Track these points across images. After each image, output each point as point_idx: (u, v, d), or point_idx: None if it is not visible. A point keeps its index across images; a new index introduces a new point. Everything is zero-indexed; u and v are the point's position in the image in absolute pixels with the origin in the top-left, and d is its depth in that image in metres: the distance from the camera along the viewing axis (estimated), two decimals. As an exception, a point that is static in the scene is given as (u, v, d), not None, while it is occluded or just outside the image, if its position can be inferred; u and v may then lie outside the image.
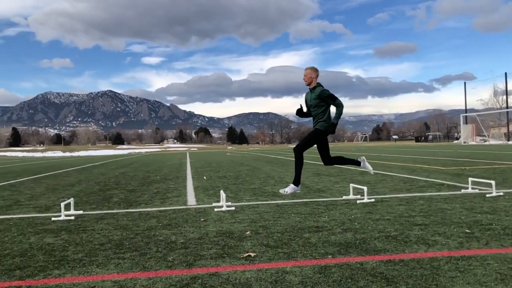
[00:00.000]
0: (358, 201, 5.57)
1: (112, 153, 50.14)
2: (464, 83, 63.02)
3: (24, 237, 4.08)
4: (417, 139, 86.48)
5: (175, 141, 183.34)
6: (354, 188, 6.21)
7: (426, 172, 9.74)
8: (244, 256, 3.16)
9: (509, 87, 55.58)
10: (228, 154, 30.81)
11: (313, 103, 5.42)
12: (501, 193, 5.86)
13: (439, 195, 5.99)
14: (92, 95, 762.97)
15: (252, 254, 3.19)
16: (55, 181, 10.48)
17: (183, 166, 15.95)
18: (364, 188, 5.75)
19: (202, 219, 4.71)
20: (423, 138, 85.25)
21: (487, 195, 5.74)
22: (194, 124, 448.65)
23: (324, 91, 5.34)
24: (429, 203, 5.30)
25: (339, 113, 5.33)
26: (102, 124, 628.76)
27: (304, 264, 2.92)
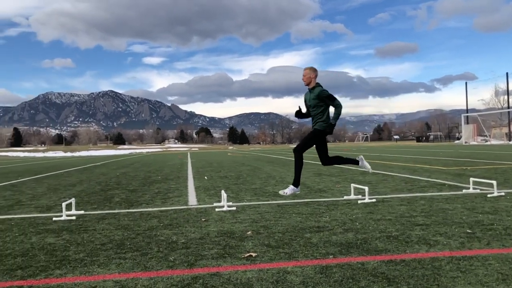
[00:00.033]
0: (359, 201, 5.56)
1: (113, 153, 50.11)
2: (466, 83, 62.90)
3: (26, 237, 4.09)
4: (418, 139, 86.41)
5: (176, 141, 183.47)
6: (355, 188, 6.21)
7: (427, 172, 9.73)
8: (245, 256, 3.16)
9: (511, 87, 55.49)
10: (229, 154, 30.81)
11: (312, 103, 5.42)
12: (503, 193, 5.85)
13: (441, 195, 5.99)
14: (93, 95, 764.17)
15: (253, 254, 3.19)
16: (57, 181, 10.50)
17: (184, 166, 15.96)
18: (365, 188, 5.75)
19: (203, 219, 4.71)
20: (424, 138, 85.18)
21: (489, 195, 5.74)
22: (195, 124, 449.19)
23: (323, 91, 5.33)
24: (431, 203, 5.30)
25: (338, 114, 5.32)
26: (103, 124, 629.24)
27: (305, 264, 2.92)
